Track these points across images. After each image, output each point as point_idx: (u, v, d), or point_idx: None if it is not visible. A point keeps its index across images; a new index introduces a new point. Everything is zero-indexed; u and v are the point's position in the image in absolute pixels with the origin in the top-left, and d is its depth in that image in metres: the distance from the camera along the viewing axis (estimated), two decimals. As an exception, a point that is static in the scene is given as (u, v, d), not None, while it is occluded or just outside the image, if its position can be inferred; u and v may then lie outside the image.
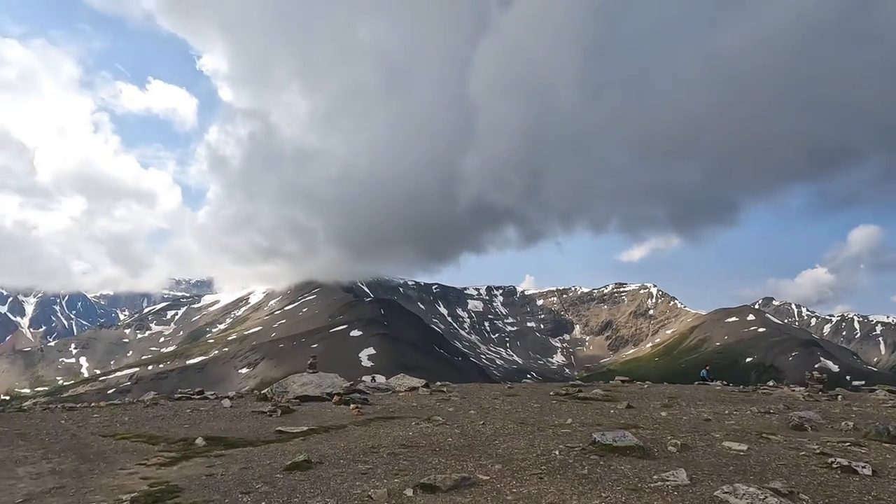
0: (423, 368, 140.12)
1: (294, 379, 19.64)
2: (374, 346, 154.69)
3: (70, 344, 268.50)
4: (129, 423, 14.44)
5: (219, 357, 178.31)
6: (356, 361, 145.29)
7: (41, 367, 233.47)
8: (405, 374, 23.67)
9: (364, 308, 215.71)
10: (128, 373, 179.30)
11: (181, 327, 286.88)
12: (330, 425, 14.01)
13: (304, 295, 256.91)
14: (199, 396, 19.70)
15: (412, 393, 20.69)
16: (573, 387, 23.47)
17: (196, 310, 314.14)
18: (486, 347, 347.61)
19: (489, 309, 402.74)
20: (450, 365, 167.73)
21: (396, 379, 22.62)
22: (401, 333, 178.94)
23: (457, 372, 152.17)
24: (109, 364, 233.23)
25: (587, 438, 12.43)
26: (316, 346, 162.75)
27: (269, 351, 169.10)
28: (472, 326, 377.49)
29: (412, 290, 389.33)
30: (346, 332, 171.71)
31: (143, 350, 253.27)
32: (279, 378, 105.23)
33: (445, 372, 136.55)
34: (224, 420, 14.99)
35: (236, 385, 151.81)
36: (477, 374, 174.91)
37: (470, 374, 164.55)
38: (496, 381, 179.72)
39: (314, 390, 18.72)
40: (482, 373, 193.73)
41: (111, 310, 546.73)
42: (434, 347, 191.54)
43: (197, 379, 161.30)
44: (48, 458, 10.47)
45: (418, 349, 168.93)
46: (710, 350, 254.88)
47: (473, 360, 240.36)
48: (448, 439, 12.15)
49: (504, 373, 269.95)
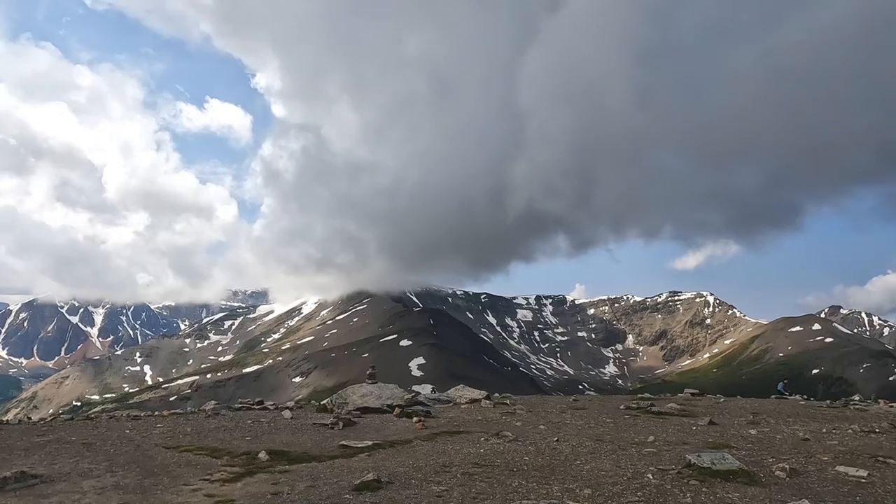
0: (472, 378, 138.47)
1: (354, 390, 19.12)
2: (424, 356, 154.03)
3: (135, 353, 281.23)
4: (191, 435, 14.17)
5: (273, 366, 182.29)
6: (406, 371, 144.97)
7: (109, 375, 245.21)
8: (463, 385, 22.79)
9: (413, 318, 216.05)
10: (188, 381, 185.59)
11: (237, 337, 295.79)
12: (394, 440, 13.29)
13: (354, 305, 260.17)
14: (258, 407, 19.45)
15: (474, 405, 19.80)
16: (644, 400, 22.00)
17: (251, 320, 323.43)
18: (536, 357, 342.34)
19: (539, 318, 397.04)
20: (500, 375, 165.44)
21: (456, 390, 21.80)
22: (450, 343, 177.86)
23: (507, 382, 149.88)
24: (171, 372, 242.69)
25: (678, 459, 11.21)
26: (366, 356, 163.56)
27: (322, 360, 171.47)
28: (521, 336, 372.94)
29: (461, 299, 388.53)
30: (396, 341, 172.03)
31: (202, 359, 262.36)
32: (332, 387, 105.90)
33: (496, 382, 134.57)
34: (286, 432, 14.54)
35: (290, 393, 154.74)
36: (527, 385, 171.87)
37: (520, 384, 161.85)
38: (547, 391, 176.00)
39: (374, 402, 18.12)
40: (532, 383, 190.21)
41: (173, 320, 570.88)
42: (483, 357, 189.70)
43: (253, 387, 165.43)
44: (112, 470, 10.17)
45: (468, 359, 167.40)
46: (773, 361, 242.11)
47: (523, 371, 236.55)
48: (524, 458, 11.20)
49: (555, 383, 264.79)
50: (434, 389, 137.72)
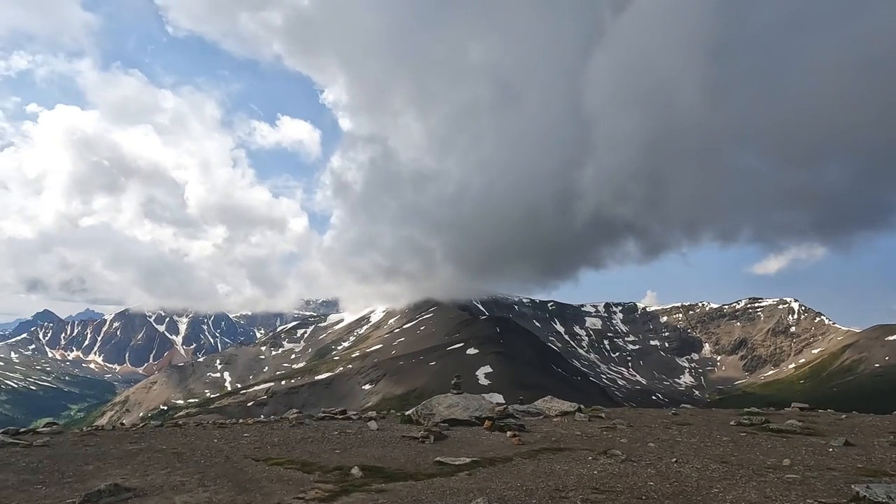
0: (540, 388, 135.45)
1: (439, 400, 18.17)
2: (491, 365, 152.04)
3: (215, 360, 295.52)
4: (279, 446, 13.63)
5: (344, 373, 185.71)
6: (473, 380, 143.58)
7: (192, 381, 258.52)
8: (551, 396, 21.35)
9: (480, 326, 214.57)
10: (264, 387, 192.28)
11: (309, 345, 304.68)
12: (493, 457, 12.16)
13: (421, 313, 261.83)
14: (342, 416, 18.89)
15: (567, 419, 18.36)
16: (754, 415, 19.74)
17: (322, 328, 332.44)
18: (607, 367, 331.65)
19: (608, 326, 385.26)
20: (568, 384, 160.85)
21: (544, 402, 20.43)
22: (517, 352, 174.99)
23: (576, 392, 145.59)
24: (248, 378, 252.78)
25: (837, 490, 9.45)
26: (433, 364, 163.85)
27: (390, 368, 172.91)
28: (590, 345, 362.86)
29: (527, 307, 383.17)
30: (463, 350, 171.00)
31: (277, 366, 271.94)
32: (400, 395, 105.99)
33: (564, 392, 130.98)
34: (375, 445, 13.74)
35: (360, 401, 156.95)
36: (598, 395, 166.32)
37: (590, 394, 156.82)
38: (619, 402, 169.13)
39: (461, 413, 17.09)
40: (603, 393, 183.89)
41: (249, 328, 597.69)
42: (552, 366, 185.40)
43: (324, 394, 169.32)
44: (204, 485, 9.64)
45: (535, 368, 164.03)
46: (868, 372, 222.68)
47: (593, 380, 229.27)
48: (648, 483, 9.77)
49: (626, 394, 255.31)
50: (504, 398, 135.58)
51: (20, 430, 16.82)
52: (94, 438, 14.69)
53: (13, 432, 16.46)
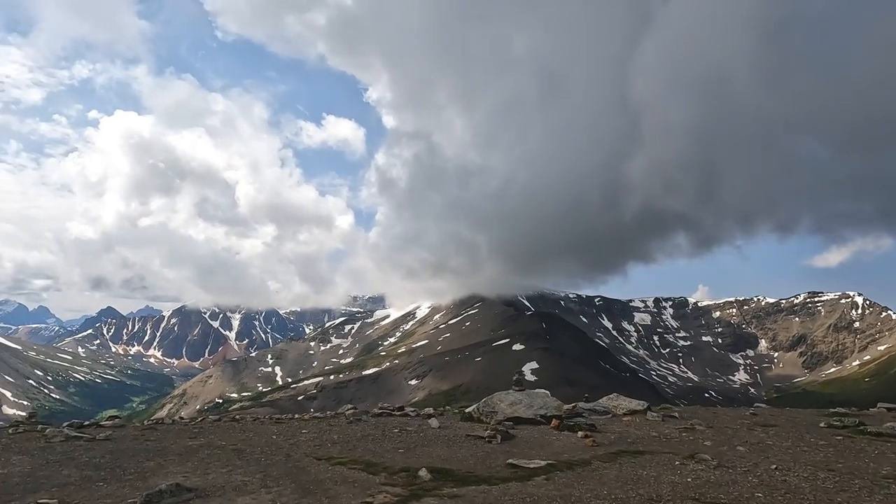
0: (588, 384, 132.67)
1: (501, 397, 17.31)
2: (537, 361, 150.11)
3: (267, 355, 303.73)
4: (340, 444, 13.06)
5: (390, 369, 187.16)
6: (519, 376, 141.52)
7: (245, 375, 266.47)
8: (617, 394, 20.14)
9: (525, 322, 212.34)
10: (313, 381, 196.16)
11: (357, 340, 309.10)
12: (568, 459, 11.20)
13: (466, 309, 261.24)
14: (399, 413, 18.27)
15: (638, 418, 17.16)
16: (846, 416, 18.01)
17: (369, 324, 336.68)
18: (657, 363, 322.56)
19: (658, 322, 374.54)
20: (617, 381, 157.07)
21: (610, 399, 19.27)
22: (563, 347, 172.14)
23: (625, 388, 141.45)
24: (298, 373, 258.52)
25: None
26: (479, 360, 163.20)
27: (436, 364, 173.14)
28: (639, 341, 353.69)
29: (573, 302, 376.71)
30: (508, 346, 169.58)
31: (325, 361, 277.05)
32: (446, 390, 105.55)
33: (613, 388, 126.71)
34: (440, 445, 12.98)
35: (407, 396, 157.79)
36: (647, 392, 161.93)
37: (640, 390, 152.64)
38: (670, 399, 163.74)
39: (525, 411, 16.17)
40: (653, 390, 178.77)
41: (299, 324, 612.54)
42: (599, 362, 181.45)
43: (372, 389, 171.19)
44: (267, 485, 9.10)
45: (582, 364, 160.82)
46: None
47: (642, 377, 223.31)
48: (756, 494, 8.61)
49: (678, 391, 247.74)
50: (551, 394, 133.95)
51: (84, 423, 16.99)
52: (155, 433, 14.56)
53: (77, 425, 16.62)
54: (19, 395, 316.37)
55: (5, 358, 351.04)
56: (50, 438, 13.36)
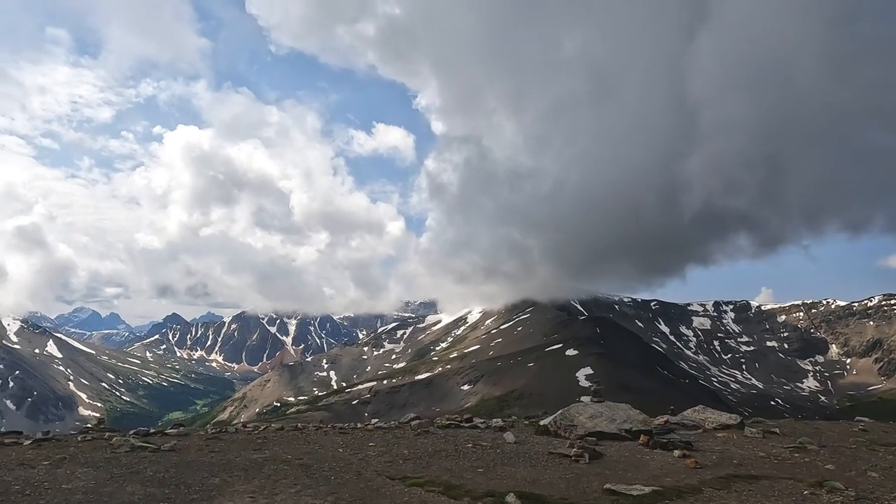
0: (645, 391, 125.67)
1: (579, 410, 15.93)
2: (592, 366, 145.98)
3: (322, 359, 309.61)
4: (412, 460, 12.09)
5: (443, 374, 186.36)
6: (573, 382, 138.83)
7: (301, 380, 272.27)
8: (703, 406, 18.36)
9: (578, 326, 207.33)
10: (367, 386, 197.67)
11: (409, 345, 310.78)
12: (673, 485, 9.81)
13: (518, 314, 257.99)
14: (468, 425, 17.16)
15: (733, 434, 15.43)
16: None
17: (421, 329, 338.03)
18: (717, 369, 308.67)
19: (718, 326, 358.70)
20: (675, 387, 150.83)
21: (696, 412, 17.54)
22: (619, 353, 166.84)
23: (684, 396, 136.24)
24: (352, 378, 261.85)
25: None
26: (532, 366, 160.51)
27: (488, 369, 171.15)
28: (698, 346, 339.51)
29: (628, 307, 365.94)
30: (562, 351, 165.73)
31: (378, 366, 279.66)
32: (499, 396, 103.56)
33: (671, 395, 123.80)
34: (522, 464, 11.80)
35: (459, 401, 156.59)
36: (709, 399, 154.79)
37: (700, 398, 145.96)
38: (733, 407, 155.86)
39: (608, 425, 14.75)
40: (714, 397, 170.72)
41: (352, 329, 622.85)
42: (656, 368, 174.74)
43: (424, 394, 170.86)
44: (340, 510, 8.23)
45: (638, 370, 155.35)
46: None
47: (703, 383, 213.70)
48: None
49: (741, 398, 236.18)
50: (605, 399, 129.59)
51: (150, 430, 16.83)
52: (219, 443, 14.06)
53: (143, 434, 16.45)
54: (94, 396, 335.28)
55: (81, 362, 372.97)
56: (116, 448, 13.05)
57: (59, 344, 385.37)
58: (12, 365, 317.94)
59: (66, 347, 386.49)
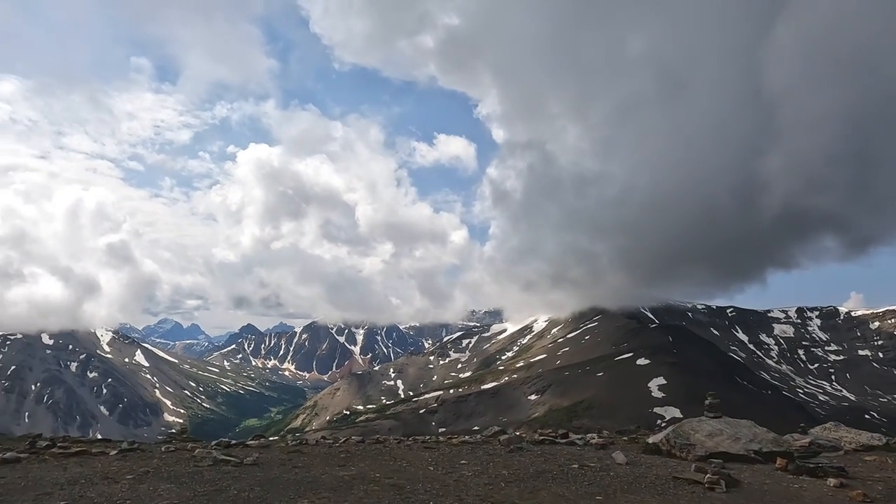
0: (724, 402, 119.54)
1: (694, 426, 14.03)
2: (665, 376, 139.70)
3: (389, 369, 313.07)
4: (515, 483, 10.64)
5: (509, 383, 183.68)
6: (645, 392, 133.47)
7: (370, 388, 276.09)
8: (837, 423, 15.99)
9: (649, 335, 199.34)
10: (434, 395, 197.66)
11: (474, 354, 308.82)
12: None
13: (585, 322, 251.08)
14: (564, 441, 15.66)
15: (883, 456, 13.08)
16: None
17: (486, 338, 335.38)
18: (803, 380, 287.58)
19: (802, 334, 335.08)
20: (756, 399, 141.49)
21: (826, 430, 15.20)
22: (693, 362, 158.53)
23: (767, 408, 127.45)
24: (419, 387, 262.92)
25: None
26: (601, 375, 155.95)
27: (555, 379, 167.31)
28: (780, 355, 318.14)
29: (702, 314, 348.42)
30: (632, 360, 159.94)
31: (444, 375, 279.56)
32: (568, 406, 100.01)
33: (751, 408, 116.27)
34: (646, 491, 10.08)
35: (527, 411, 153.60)
36: (795, 412, 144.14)
37: (784, 410, 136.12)
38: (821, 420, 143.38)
39: (731, 445, 12.83)
40: (800, 410, 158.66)
41: (418, 339, 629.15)
42: (735, 378, 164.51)
43: (491, 403, 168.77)
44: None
45: (715, 380, 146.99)
46: None
47: (787, 395, 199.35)
48: None
49: (831, 411, 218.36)
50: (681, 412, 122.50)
51: (231, 442, 16.40)
52: (301, 457, 13.30)
53: (225, 444, 16.03)
54: (177, 403, 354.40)
55: (165, 370, 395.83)
56: (199, 461, 12.52)
57: (146, 353, 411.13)
58: (105, 373, 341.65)
59: (153, 357, 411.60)
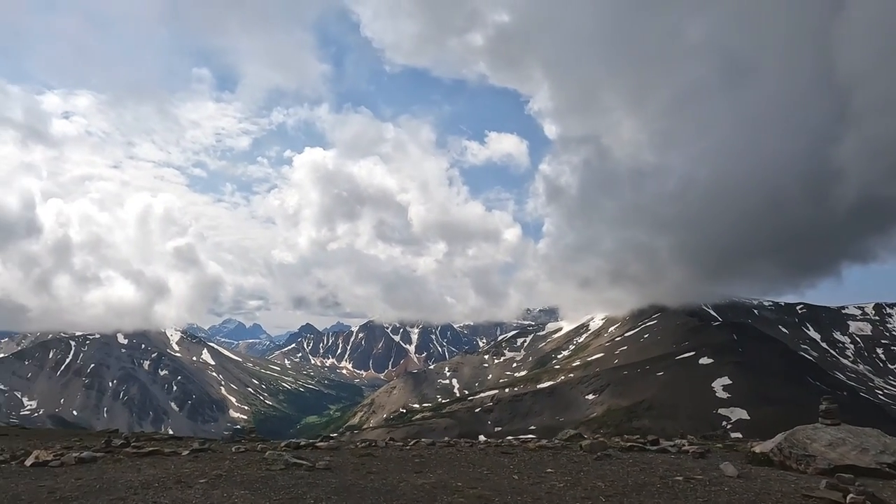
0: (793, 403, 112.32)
1: (810, 434, 12.41)
2: (729, 376, 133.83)
3: (444, 367, 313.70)
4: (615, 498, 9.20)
5: (566, 382, 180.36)
6: (709, 393, 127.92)
7: (425, 387, 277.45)
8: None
9: (712, 333, 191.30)
10: (489, 394, 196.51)
11: (529, 353, 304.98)
12: None
13: (644, 320, 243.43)
14: (655, 448, 14.28)
15: None
16: None
17: (541, 337, 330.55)
18: (883, 380, 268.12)
19: (881, 332, 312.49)
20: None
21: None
22: (760, 361, 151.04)
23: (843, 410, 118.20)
24: (474, 386, 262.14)
25: None
26: (661, 375, 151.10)
27: (614, 378, 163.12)
28: (857, 354, 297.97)
29: (769, 311, 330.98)
30: (694, 359, 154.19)
31: (499, 374, 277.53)
32: (627, 406, 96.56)
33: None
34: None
35: (585, 411, 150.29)
36: (875, 414, 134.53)
37: (863, 413, 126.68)
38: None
39: (858, 457, 11.19)
40: (880, 412, 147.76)
41: (472, 338, 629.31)
42: (807, 379, 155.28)
43: (548, 403, 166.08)
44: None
45: (785, 380, 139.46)
46: None
47: (865, 396, 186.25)
48: None
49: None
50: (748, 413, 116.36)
51: (300, 443, 16.01)
52: (374, 462, 12.65)
53: (294, 446, 15.65)
54: (241, 400, 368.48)
55: (230, 368, 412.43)
56: (270, 464, 12.08)
57: (212, 352, 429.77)
58: (175, 371, 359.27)
59: (218, 356, 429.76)
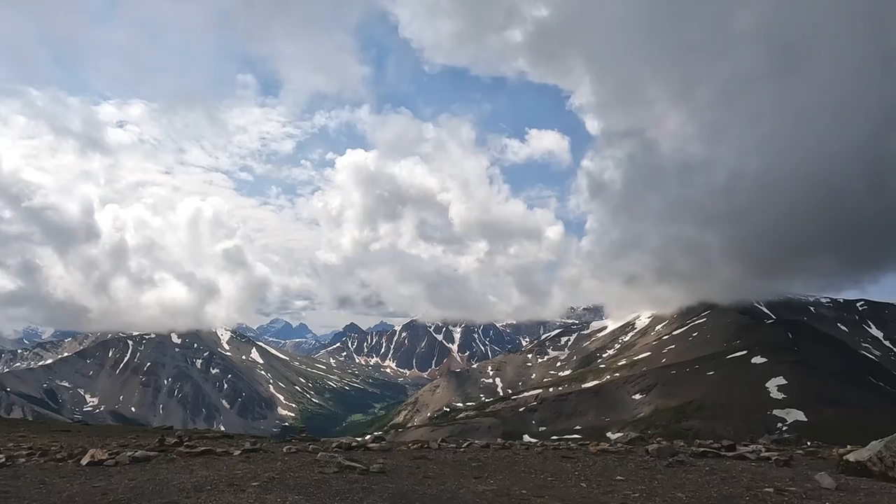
0: (853, 405, 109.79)
1: (915, 440, 11.30)
2: (785, 376, 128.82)
3: (487, 366, 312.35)
4: None
5: (611, 382, 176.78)
6: (763, 393, 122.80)
7: (468, 386, 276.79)
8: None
9: (765, 331, 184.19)
10: (533, 393, 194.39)
11: (574, 352, 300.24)
12: None
13: (692, 318, 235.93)
14: (731, 454, 13.12)
15: None
16: None
17: (585, 336, 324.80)
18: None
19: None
20: (893, 402, 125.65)
21: None
22: (818, 361, 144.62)
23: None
24: (518, 385, 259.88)
25: None
26: (711, 374, 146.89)
27: (661, 377, 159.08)
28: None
29: (827, 308, 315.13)
30: (746, 358, 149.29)
31: (543, 373, 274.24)
32: (676, 406, 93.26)
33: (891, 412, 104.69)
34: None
35: (631, 411, 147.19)
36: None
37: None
38: None
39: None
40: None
41: (515, 337, 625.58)
42: (869, 379, 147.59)
43: (593, 402, 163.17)
44: None
45: (844, 380, 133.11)
46: None
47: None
48: None
49: None
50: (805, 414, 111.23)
51: (351, 444, 15.66)
52: (429, 465, 12.11)
53: (346, 447, 15.31)
54: (289, 398, 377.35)
55: (278, 367, 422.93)
56: (323, 466, 11.71)
57: (260, 351, 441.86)
58: (226, 370, 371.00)
59: (266, 355, 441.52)
